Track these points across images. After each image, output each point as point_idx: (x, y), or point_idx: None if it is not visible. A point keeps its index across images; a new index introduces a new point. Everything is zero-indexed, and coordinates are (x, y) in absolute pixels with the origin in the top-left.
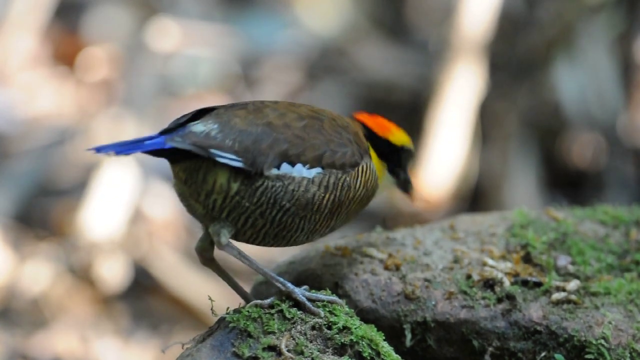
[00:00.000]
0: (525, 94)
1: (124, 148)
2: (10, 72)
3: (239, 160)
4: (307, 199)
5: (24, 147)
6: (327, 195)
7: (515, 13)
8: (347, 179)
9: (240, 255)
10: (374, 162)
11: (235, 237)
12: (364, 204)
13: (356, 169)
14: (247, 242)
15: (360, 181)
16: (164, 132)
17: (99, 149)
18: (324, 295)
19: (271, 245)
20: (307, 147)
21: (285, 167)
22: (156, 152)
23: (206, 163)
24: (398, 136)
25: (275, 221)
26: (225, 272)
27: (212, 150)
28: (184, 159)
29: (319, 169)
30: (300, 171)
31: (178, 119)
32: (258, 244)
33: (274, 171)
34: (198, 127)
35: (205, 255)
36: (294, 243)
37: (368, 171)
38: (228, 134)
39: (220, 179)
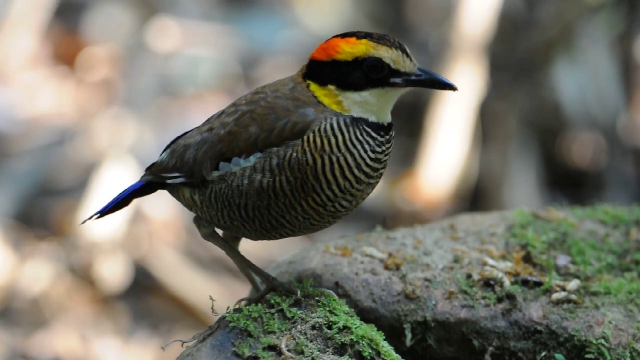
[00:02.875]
0: (525, 94)
1: (107, 204)
2: (10, 72)
3: (181, 177)
4: (256, 188)
5: (24, 147)
6: (277, 179)
7: (515, 13)
8: (294, 154)
9: (224, 246)
10: (325, 99)
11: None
12: (350, 165)
13: (302, 140)
14: (244, 237)
15: (313, 154)
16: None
17: (90, 217)
18: (296, 287)
19: (268, 239)
20: (240, 138)
21: (222, 166)
22: (140, 192)
23: (169, 184)
24: (348, 50)
25: (244, 218)
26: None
27: (163, 174)
28: (159, 186)
29: (257, 154)
30: (237, 163)
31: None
32: (255, 240)
33: (215, 173)
34: (161, 155)
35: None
36: (284, 235)
37: (321, 139)
38: (174, 154)
39: (186, 194)
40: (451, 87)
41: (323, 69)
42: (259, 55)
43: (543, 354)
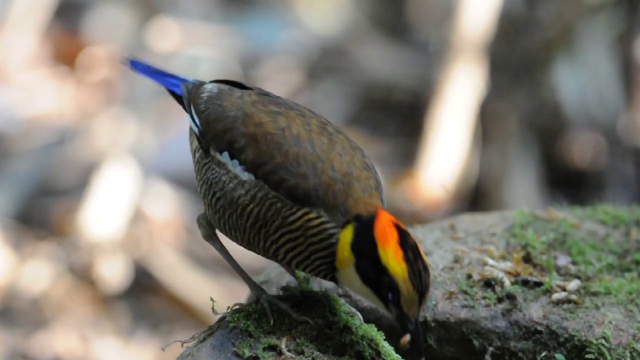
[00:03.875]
0: (525, 94)
1: (149, 72)
2: (10, 72)
3: (196, 127)
4: (233, 197)
5: (24, 147)
6: (251, 206)
7: (515, 13)
8: (279, 204)
9: (221, 250)
10: (343, 243)
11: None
12: (299, 255)
13: (299, 208)
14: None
15: (298, 224)
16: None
17: (132, 62)
18: (286, 306)
19: (227, 236)
20: (254, 150)
21: (225, 156)
22: (172, 92)
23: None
24: (390, 258)
25: (212, 205)
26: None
27: (191, 106)
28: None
29: (252, 176)
30: (235, 167)
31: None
32: (223, 234)
33: (217, 155)
34: (209, 85)
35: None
36: (241, 243)
37: (315, 227)
38: (211, 103)
39: (194, 143)
40: (419, 356)
41: (364, 239)
42: (259, 55)
43: (543, 354)
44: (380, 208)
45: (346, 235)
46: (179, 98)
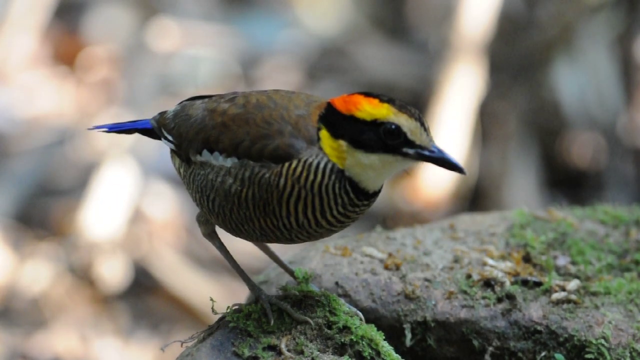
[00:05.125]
0: (525, 94)
1: (117, 126)
2: (10, 72)
3: (172, 143)
4: (225, 190)
5: (24, 147)
6: (244, 190)
7: (515, 13)
8: (266, 175)
9: (220, 249)
10: (326, 143)
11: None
12: (315, 207)
13: (282, 165)
14: (220, 224)
15: (287, 181)
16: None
17: (97, 127)
18: (288, 307)
19: (234, 235)
20: (228, 136)
21: (205, 154)
22: (144, 132)
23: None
24: (369, 110)
25: (211, 210)
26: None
27: (163, 130)
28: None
29: (234, 159)
30: (217, 159)
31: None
32: (225, 229)
33: (198, 157)
34: (172, 108)
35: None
36: (246, 239)
37: (302, 170)
38: (176, 117)
39: (176, 162)
40: (461, 170)
41: (338, 121)
42: (259, 55)
43: (543, 354)
44: (329, 99)
45: (324, 135)
46: (151, 132)
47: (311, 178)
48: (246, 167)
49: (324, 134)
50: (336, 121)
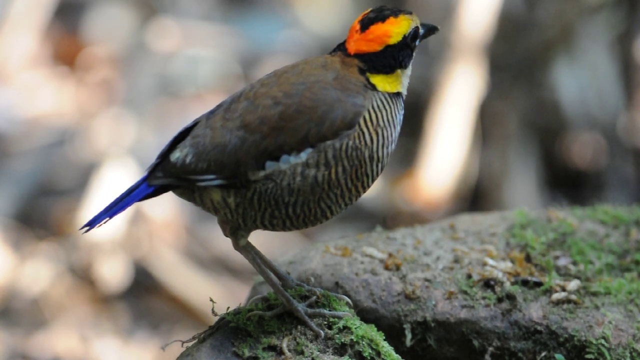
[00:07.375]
0: (525, 94)
1: (113, 210)
2: (10, 72)
3: (218, 179)
4: (310, 184)
5: (24, 147)
6: (333, 170)
7: (515, 13)
8: (350, 142)
9: (254, 261)
10: (385, 85)
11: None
12: (394, 137)
13: (358, 125)
14: (281, 231)
15: (370, 132)
16: (149, 171)
17: (91, 223)
18: (327, 311)
19: (311, 226)
20: (287, 134)
21: (270, 165)
22: (146, 197)
23: (196, 186)
24: (397, 31)
25: (289, 215)
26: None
27: (191, 177)
28: (174, 188)
29: (308, 150)
30: (286, 161)
31: (162, 149)
32: (294, 230)
33: (261, 173)
34: (175, 155)
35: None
36: (320, 223)
37: (376, 114)
38: (202, 155)
39: (215, 197)
40: (435, 28)
41: (379, 59)
42: (259, 55)
43: (543, 354)
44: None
45: (379, 80)
46: (158, 192)
47: (384, 114)
48: (325, 149)
49: (379, 78)
50: (377, 60)
